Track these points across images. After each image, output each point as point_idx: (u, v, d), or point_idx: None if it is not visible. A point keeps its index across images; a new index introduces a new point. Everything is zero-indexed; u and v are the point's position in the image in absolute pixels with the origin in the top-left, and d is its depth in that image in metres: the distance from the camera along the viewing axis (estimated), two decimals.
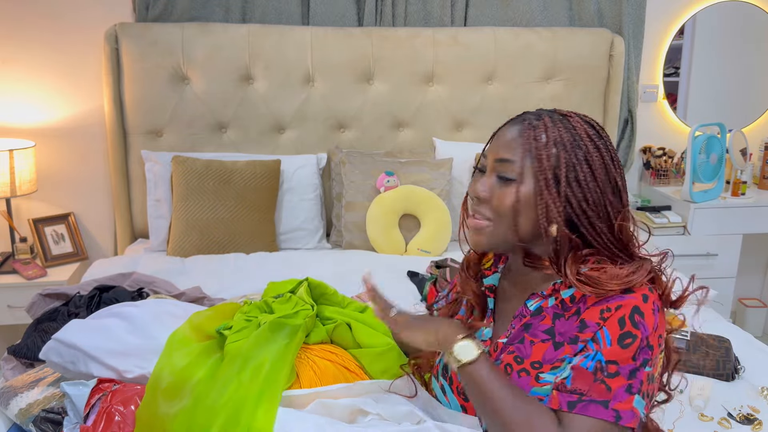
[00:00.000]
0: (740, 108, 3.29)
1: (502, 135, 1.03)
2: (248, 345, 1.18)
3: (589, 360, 0.93)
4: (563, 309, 1.01)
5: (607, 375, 0.92)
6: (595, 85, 2.92)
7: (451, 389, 1.10)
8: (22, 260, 2.67)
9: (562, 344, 0.99)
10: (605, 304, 0.96)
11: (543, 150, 0.98)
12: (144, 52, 2.63)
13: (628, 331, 0.93)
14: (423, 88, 2.83)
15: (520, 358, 1.01)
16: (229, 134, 2.78)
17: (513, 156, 1.00)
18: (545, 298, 1.04)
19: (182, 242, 2.52)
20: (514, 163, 1.00)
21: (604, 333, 0.94)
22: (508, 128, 1.04)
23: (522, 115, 1.05)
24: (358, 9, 2.84)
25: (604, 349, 0.93)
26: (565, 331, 0.99)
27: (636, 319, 0.93)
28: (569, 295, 1.01)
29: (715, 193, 2.97)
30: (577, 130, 1.00)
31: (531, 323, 1.03)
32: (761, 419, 1.50)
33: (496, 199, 1.01)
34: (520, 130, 1.01)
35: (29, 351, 1.62)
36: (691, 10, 3.10)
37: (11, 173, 2.56)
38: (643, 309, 0.94)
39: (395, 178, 2.63)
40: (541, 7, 2.93)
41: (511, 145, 1.01)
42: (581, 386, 0.92)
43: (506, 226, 1.01)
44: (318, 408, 1.11)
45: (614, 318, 0.94)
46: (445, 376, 1.12)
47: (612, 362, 0.92)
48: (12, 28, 2.67)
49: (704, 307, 2.34)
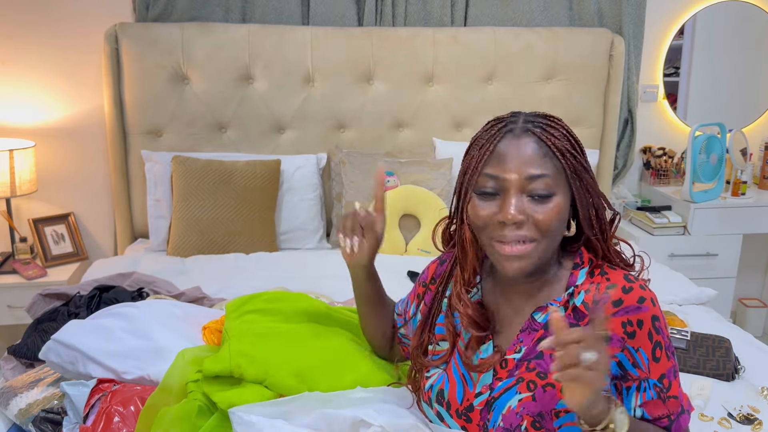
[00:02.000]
0: (740, 108, 3.29)
1: (515, 152, 0.97)
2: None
3: (649, 390, 1.00)
4: (577, 318, 1.01)
5: (668, 389, 1.00)
6: (595, 85, 2.92)
7: (449, 414, 1.07)
8: (22, 260, 2.67)
9: None
10: (625, 316, 0.98)
11: (566, 156, 0.98)
12: (144, 52, 2.63)
13: (656, 341, 0.99)
14: (423, 88, 2.83)
15: (543, 374, 1.00)
16: (229, 134, 2.78)
17: (544, 169, 0.96)
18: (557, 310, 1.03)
19: (182, 242, 2.52)
20: (547, 176, 0.96)
21: (641, 355, 0.98)
22: (516, 142, 0.97)
23: (507, 126, 0.99)
24: (358, 9, 2.84)
25: (649, 373, 0.99)
26: None
27: (657, 325, 0.99)
28: (582, 302, 1.01)
29: (715, 193, 2.97)
30: (567, 130, 1.02)
31: (545, 337, 1.00)
32: (761, 419, 1.50)
33: (539, 218, 0.96)
34: (536, 142, 0.97)
35: (29, 351, 1.62)
36: (691, 10, 3.10)
37: (11, 173, 2.56)
38: (657, 313, 1.00)
39: (395, 178, 2.63)
40: (541, 7, 2.92)
41: (534, 159, 0.96)
42: (661, 411, 0.99)
43: (548, 242, 0.99)
44: (319, 419, 1.10)
45: (643, 335, 0.98)
46: (441, 401, 1.08)
47: (662, 377, 1.00)
48: (12, 28, 2.67)
49: (704, 306, 2.34)
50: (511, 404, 1.00)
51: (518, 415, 0.99)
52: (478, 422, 1.04)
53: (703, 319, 2.05)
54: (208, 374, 1.27)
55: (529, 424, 0.98)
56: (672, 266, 2.63)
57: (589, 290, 1.01)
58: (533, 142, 0.97)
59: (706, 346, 1.73)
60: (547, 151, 0.97)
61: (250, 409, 1.13)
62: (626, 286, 0.99)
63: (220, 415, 1.20)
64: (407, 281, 2.28)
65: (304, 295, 1.65)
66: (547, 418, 0.98)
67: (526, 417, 0.98)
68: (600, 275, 1.03)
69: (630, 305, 0.98)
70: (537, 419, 0.98)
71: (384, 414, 1.11)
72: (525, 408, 0.99)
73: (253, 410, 1.12)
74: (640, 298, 0.98)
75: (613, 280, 1.01)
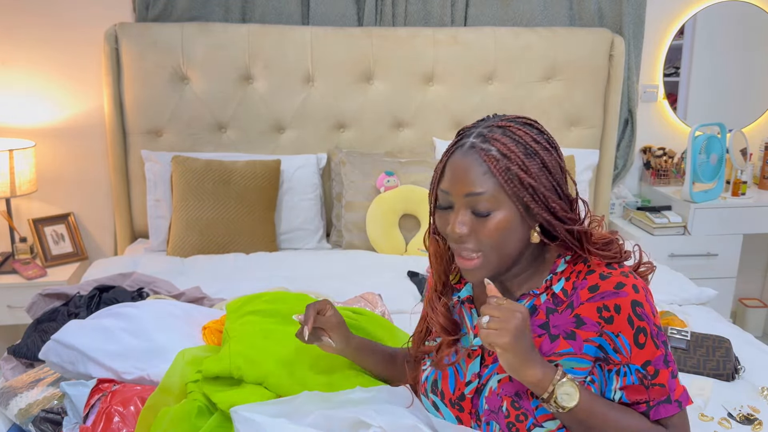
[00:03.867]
0: (740, 108, 3.29)
1: (459, 169, 1.00)
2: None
3: (630, 375, 1.00)
4: (555, 303, 1.04)
5: (652, 377, 0.99)
6: (595, 85, 2.92)
7: (443, 403, 1.11)
8: (22, 260, 2.67)
9: (557, 337, 1.02)
10: (600, 301, 1.00)
11: (507, 172, 0.98)
12: (144, 52, 2.63)
13: (639, 327, 0.98)
14: (423, 87, 2.83)
15: None
16: (229, 134, 2.78)
17: (481, 188, 0.98)
18: (537, 296, 1.06)
19: (182, 242, 2.52)
20: (485, 194, 0.98)
21: (622, 340, 0.99)
22: (460, 160, 1.00)
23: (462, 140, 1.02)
24: (358, 9, 2.84)
25: (631, 359, 0.99)
26: (559, 324, 1.02)
27: (638, 311, 0.99)
28: (561, 289, 1.04)
29: (715, 193, 2.97)
30: (523, 140, 1.00)
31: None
32: (761, 419, 1.50)
33: (480, 233, 0.99)
34: (476, 160, 0.99)
35: (29, 351, 1.62)
36: (691, 10, 3.10)
37: (11, 173, 2.56)
38: (640, 299, 0.99)
39: (395, 178, 2.63)
40: (541, 6, 2.92)
41: (474, 177, 0.98)
42: (641, 396, 1.00)
43: (497, 254, 1.01)
44: (319, 419, 1.11)
45: (622, 319, 0.98)
46: (435, 391, 1.12)
47: (646, 364, 0.99)
48: (12, 28, 2.67)
49: (705, 307, 2.34)
50: (492, 386, 1.04)
51: (498, 396, 1.03)
52: (469, 410, 1.08)
53: (703, 319, 2.05)
54: (208, 375, 1.27)
55: (508, 404, 1.01)
56: (672, 266, 2.63)
57: (569, 277, 1.04)
58: (475, 160, 0.98)
59: (706, 346, 1.74)
60: (486, 169, 0.98)
61: (252, 408, 1.13)
62: (604, 273, 1.02)
63: (220, 416, 1.20)
64: (407, 281, 2.28)
65: (304, 295, 1.66)
66: (524, 398, 1.00)
67: (505, 398, 1.02)
68: (582, 263, 1.05)
69: (606, 291, 1.00)
70: (515, 399, 1.01)
71: (384, 414, 1.11)
72: (503, 389, 1.02)
73: (254, 409, 1.13)
74: (618, 284, 1.00)
75: (593, 268, 1.03)
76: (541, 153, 1.00)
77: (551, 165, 1.00)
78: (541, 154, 1.00)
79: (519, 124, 1.02)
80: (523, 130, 1.00)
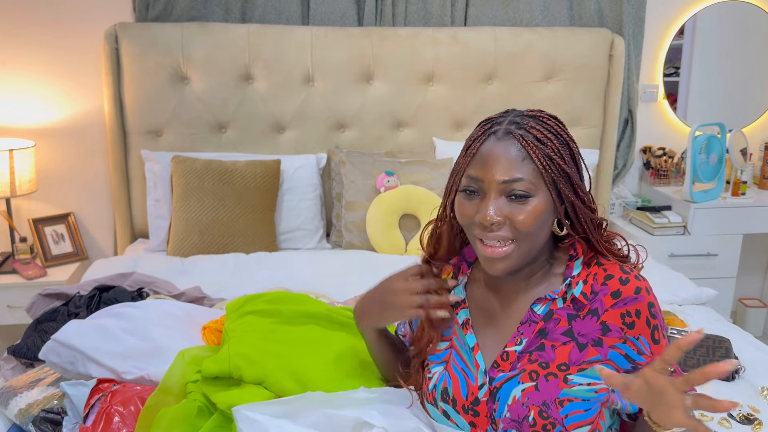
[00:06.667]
0: (740, 108, 3.29)
1: (494, 155, 0.99)
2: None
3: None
4: (576, 309, 1.03)
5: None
6: (595, 85, 2.92)
7: (455, 410, 1.08)
8: (22, 260, 2.67)
9: (586, 345, 1.02)
10: (623, 307, 1.01)
11: (545, 159, 0.99)
12: (144, 52, 2.63)
13: (654, 325, 1.01)
14: (423, 87, 2.83)
15: (545, 363, 1.02)
16: (229, 134, 2.78)
17: (520, 173, 0.98)
18: (553, 300, 1.05)
19: (182, 242, 2.52)
20: (524, 180, 0.98)
21: (642, 342, 1.01)
22: (496, 145, 1.00)
23: (493, 127, 1.02)
24: (358, 9, 2.84)
25: (651, 357, 1.01)
26: (586, 332, 1.02)
27: (653, 311, 1.02)
28: (580, 293, 1.03)
29: (715, 193, 2.97)
30: (555, 128, 1.02)
31: (545, 328, 1.04)
32: (761, 419, 1.50)
33: (516, 220, 0.98)
34: (514, 145, 0.99)
35: (29, 351, 1.62)
36: (691, 10, 3.10)
37: (11, 173, 2.56)
38: (652, 300, 1.02)
39: (395, 178, 2.63)
40: (541, 7, 2.92)
41: (512, 162, 0.98)
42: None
43: (529, 243, 1.00)
44: (321, 419, 1.10)
45: (641, 323, 1.01)
46: (446, 399, 1.08)
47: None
48: (12, 28, 2.67)
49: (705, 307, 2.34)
50: (516, 395, 1.02)
51: (524, 406, 1.01)
52: (485, 414, 1.05)
53: (703, 319, 2.05)
54: (208, 375, 1.27)
55: (536, 414, 1.00)
56: (672, 266, 2.63)
57: (587, 281, 1.04)
58: (513, 145, 0.99)
59: (706, 346, 1.74)
60: (526, 155, 0.98)
61: (254, 407, 1.13)
62: (623, 278, 1.02)
63: (220, 416, 1.20)
64: None
65: (304, 295, 1.65)
66: (552, 408, 0.99)
67: (532, 407, 1.00)
68: (596, 266, 1.05)
69: (628, 296, 1.01)
70: (543, 409, 1.00)
71: (387, 416, 1.10)
72: (529, 398, 1.01)
73: (256, 409, 1.12)
74: (637, 288, 1.01)
75: (610, 271, 1.04)
76: (570, 143, 1.03)
77: (578, 155, 1.05)
78: (571, 144, 1.04)
79: (547, 115, 1.05)
80: (553, 121, 1.03)
